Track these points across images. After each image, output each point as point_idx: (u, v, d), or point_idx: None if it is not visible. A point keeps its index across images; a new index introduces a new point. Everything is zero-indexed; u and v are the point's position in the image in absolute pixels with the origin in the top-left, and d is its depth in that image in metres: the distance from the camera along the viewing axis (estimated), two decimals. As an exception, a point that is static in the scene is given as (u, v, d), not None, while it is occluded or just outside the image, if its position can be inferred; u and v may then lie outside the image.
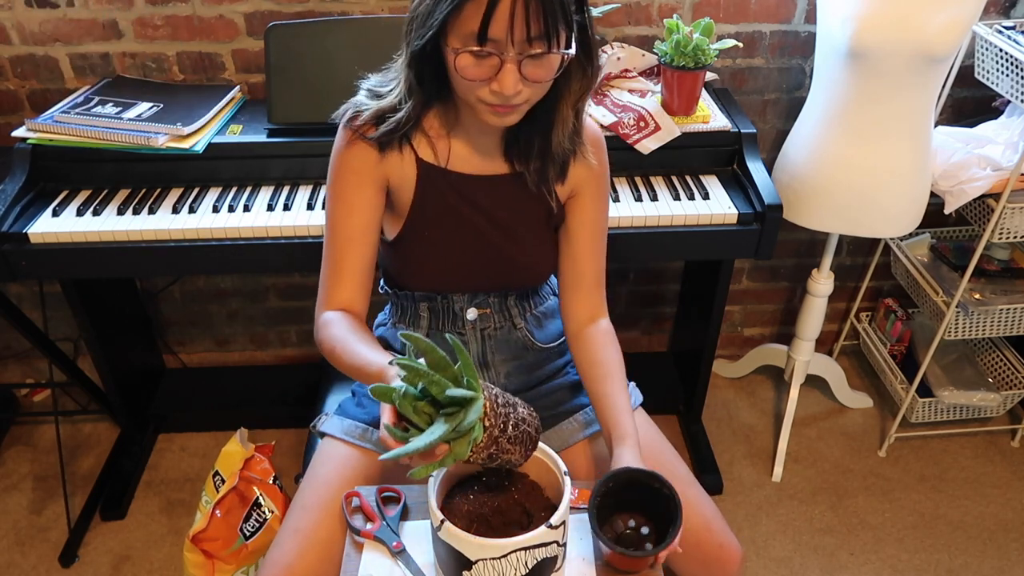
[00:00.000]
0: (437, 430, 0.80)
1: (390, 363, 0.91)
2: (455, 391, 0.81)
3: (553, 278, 1.33)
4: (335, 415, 1.24)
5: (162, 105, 1.64)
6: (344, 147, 1.09)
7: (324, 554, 1.05)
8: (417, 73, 1.02)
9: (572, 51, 0.96)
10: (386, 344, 1.29)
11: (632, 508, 0.95)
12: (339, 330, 1.06)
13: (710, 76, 1.77)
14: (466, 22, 0.90)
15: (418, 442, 0.80)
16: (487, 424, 0.83)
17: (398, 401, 0.82)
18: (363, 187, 1.09)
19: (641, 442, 1.19)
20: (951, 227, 2.07)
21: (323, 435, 1.22)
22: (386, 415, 0.85)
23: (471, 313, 1.22)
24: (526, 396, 1.24)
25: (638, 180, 1.63)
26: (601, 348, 1.17)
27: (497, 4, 0.88)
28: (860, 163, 1.63)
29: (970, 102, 1.95)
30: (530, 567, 0.85)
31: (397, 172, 1.11)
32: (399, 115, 1.05)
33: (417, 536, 0.98)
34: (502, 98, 0.95)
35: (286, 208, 1.56)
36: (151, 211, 1.54)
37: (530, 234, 1.17)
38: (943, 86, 1.71)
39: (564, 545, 0.88)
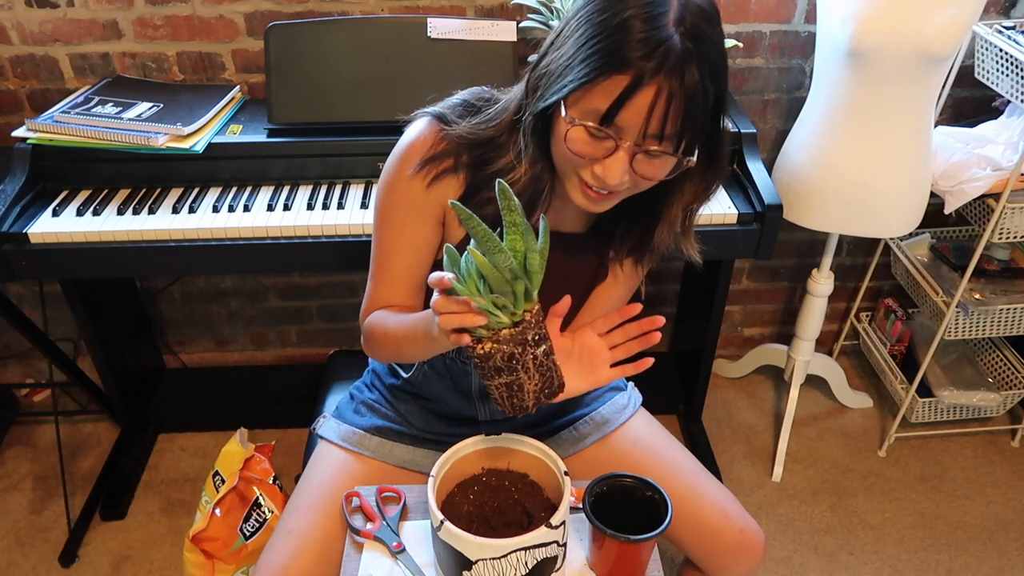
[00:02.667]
0: (491, 269, 0.77)
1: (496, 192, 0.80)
2: (530, 242, 0.77)
3: None
4: (332, 418, 1.23)
5: (162, 105, 1.64)
6: (410, 172, 0.98)
7: (318, 555, 1.05)
8: (533, 131, 0.91)
9: (694, 159, 0.86)
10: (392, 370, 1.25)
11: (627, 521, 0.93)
12: (387, 313, 1.02)
13: (710, 76, 1.77)
14: (595, 97, 0.81)
15: (477, 254, 0.76)
16: (525, 319, 0.80)
17: (474, 244, 0.78)
18: (423, 223, 1.00)
19: (646, 441, 1.19)
20: (951, 227, 2.07)
21: (320, 438, 1.22)
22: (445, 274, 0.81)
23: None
24: (522, 416, 1.23)
25: (638, 180, 1.63)
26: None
27: (636, 93, 0.79)
28: (860, 163, 1.63)
29: (970, 102, 1.95)
30: (530, 567, 0.85)
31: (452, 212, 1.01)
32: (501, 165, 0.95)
33: (417, 536, 0.98)
34: (601, 184, 0.87)
35: (286, 208, 1.56)
36: (151, 211, 1.54)
37: (574, 292, 1.10)
38: (943, 86, 1.71)
39: (564, 545, 0.88)
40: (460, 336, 0.80)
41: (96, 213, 1.53)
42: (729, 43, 1.62)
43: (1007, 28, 1.68)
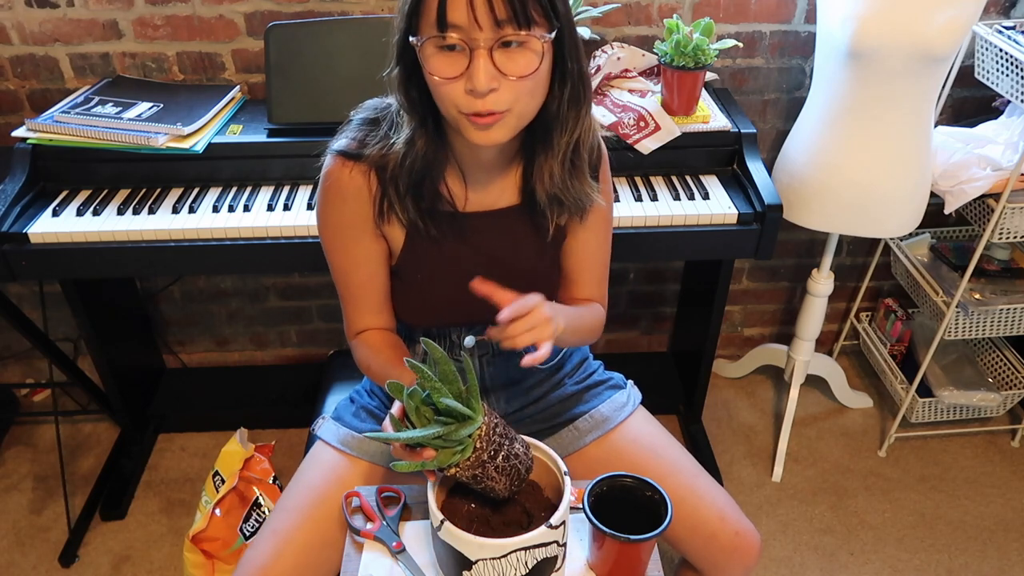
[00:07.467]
0: (425, 431, 0.83)
1: (405, 360, 0.89)
2: (453, 404, 0.83)
3: None
4: (332, 420, 1.23)
5: (162, 105, 1.64)
6: (334, 195, 1.04)
7: (301, 557, 1.04)
8: (406, 95, 0.95)
9: (550, 36, 0.86)
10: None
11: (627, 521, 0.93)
12: (368, 350, 1.11)
13: (710, 76, 1.77)
14: (428, 12, 0.84)
15: (403, 434, 0.83)
16: (477, 446, 0.85)
17: (406, 398, 0.85)
18: (360, 240, 1.07)
19: (645, 440, 1.19)
20: (951, 227, 2.07)
21: (318, 439, 1.21)
22: (396, 407, 0.88)
23: (468, 340, 1.17)
24: (526, 411, 1.24)
25: (638, 180, 1.63)
26: (584, 305, 1.16)
27: None
28: (860, 163, 1.63)
29: (970, 102, 1.95)
30: (530, 567, 0.85)
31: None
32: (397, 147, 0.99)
33: (417, 536, 0.98)
34: (477, 97, 0.86)
35: (286, 208, 1.56)
36: (151, 211, 1.55)
37: (536, 261, 1.12)
38: (943, 86, 1.71)
39: (564, 545, 0.88)
40: (426, 472, 0.88)
41: (96, 213, 1.53)
42: (729, 43, 1.62)
43: (1007, 28, 1.68)
